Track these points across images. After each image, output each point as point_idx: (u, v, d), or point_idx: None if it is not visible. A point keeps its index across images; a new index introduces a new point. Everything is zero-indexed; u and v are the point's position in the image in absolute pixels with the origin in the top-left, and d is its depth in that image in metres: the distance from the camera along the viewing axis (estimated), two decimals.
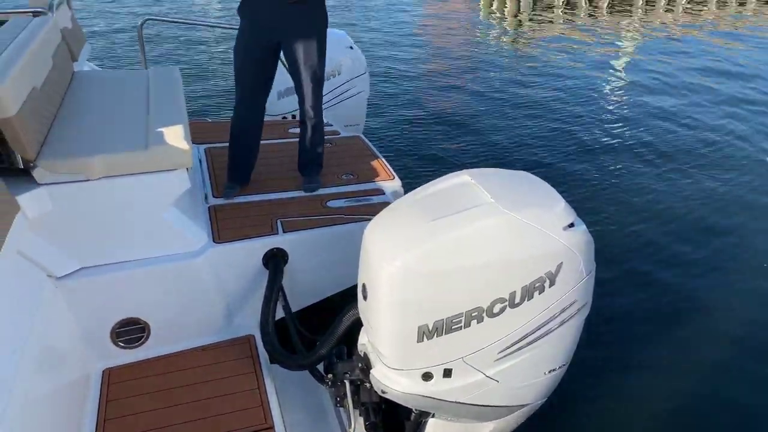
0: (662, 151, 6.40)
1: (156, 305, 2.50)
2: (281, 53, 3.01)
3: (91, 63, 4.17)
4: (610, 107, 7.68)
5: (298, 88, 3.04)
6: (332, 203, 3.03)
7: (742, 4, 16.14)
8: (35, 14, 3.25)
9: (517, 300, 1.80)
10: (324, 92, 4.48)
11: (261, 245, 2.68)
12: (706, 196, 5.53)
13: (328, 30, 3.04)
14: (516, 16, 14.55)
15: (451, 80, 8.62)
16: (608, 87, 8.54)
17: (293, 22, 2.86)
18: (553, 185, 2.02)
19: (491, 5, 15.81)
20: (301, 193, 3.14)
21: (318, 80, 3.03)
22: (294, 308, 2.71)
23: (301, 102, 3.08)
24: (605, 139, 6.67)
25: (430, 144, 6.32)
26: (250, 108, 3.08)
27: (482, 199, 1.87)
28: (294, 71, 3.00)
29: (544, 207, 1.85)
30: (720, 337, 3.82)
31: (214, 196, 3.04)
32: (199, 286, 2.56)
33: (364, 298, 1.93)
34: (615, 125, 7.08)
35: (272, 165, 3.39)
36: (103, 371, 2.45)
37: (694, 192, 5.59)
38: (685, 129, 7.04)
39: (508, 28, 13.17)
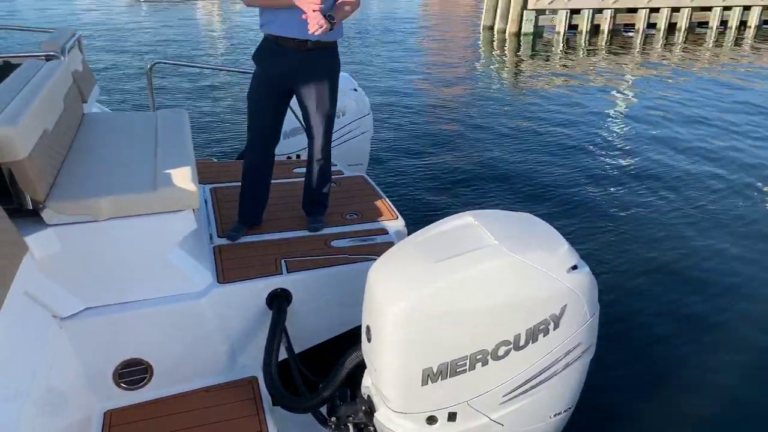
0: (664, 190, 6.44)
1: (159, 346, 2.50)
2: (294, 97, 3.07)
3: (100, 104, 4.25)
4: (611, 146, 7.75)
5: (309, 130, 3.09)
6: (336, 243, 3.05)
7: (738, 45, 16.43)
8: (48, 58, 3.34)
9: (522, 342, 1.80)
10: None
11: (265, 285, 2.68)
12: (710, 236, 5.53)
13: None
14: (516, 55, 14.83)
15: (453, 121, 8.74)
16: (608, 126, 8.64)
17: (307, 67, 2.92)
18: (554, 226, 2.03)
19: (492, 45, 16.14)
20: (306, 233, 3.16)
21: (329, 123, 3.09)
22: (297, 349, 2.69)
23: (311, 144, 3.13)
24: (606, 178, 6.72)
25: (433, 183, 6.37)
26: (261, 151, 3.12)
27: (486, 241, 1.89)
28: (306, 114, 3.06)
29: (548, 249, 1.86)
30: (727, 386, 3.77)
31: (218, 236, 3.06)
32: (202, 326, 2.55)
33: (368, 339, 1.92)
34: (616, 164, 7.14)
35: (277, 204, 3.42)
36: (105, 413, 2.43)
37: (698, 231, 5.59)
38: (685, 165, 7.09)
39: (508, 67, 13.41)
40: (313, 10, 2.64)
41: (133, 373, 2.49)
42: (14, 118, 2.11)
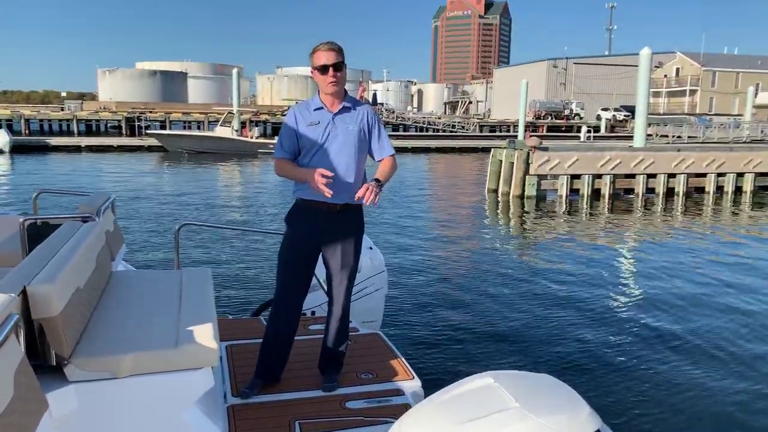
0: (682, 347, 6.32)
1: None
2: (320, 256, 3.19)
3: (126, 262, 4.42)
4: (624, 305, 7.76)
5: (331, 289, 3.18)
6: (351, 404, 2.99)
7: (735, 209, 17.02)
8: (84, 219, 3.56)
9: None
10: None
11: None
12: (728, 392, 5.34)
13: None
14: (521, 217, 15.39)
15: (465, 279, 8.87)
16: (616, 286, 8.71)
17: (335, 227, 3.09)
18: (573, 386, 2.02)
19: (497, 207, 16.81)
20: (320, 392, 3.11)
21: (350, 282, 3.19)
22: None
23: (332, 302, 3.20)
24: (618, 337, 6.64)
25: (447, 342, 6.31)
26: (288, 308, 3.17)
27: (507, 404, 1.87)
28: (329, 272, 3.17)
29: (570, 413, 1.84)
30: None
31: (233, 395, 3.02)
32: None
33: None
34: (627, 325, 7.09)
35: (290, 362, 3.40)
36: None
37: (715, 386, 5.41)
38: (697, 323, 7.02)
39: (514, 228, 13.87)
40: (323, 183, 2.78)
41: None
42: (52, 276, 2.22)
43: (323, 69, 2.95)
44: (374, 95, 67.21)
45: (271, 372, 3.16)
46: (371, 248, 4.86)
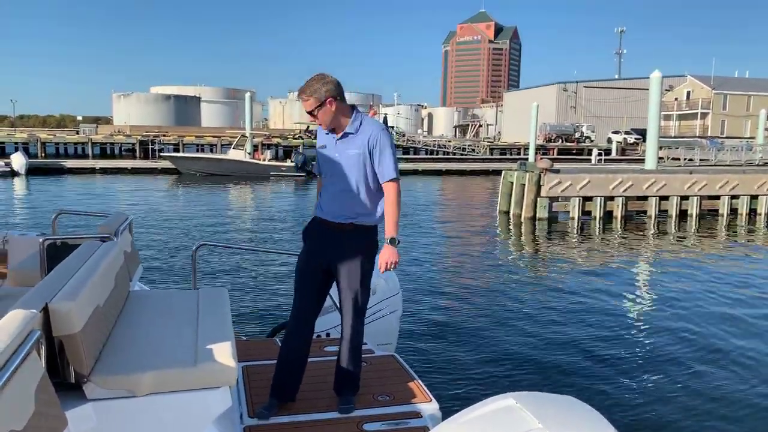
0: (700, 369, 6.21)
1: None
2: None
3: (141, 282, 4.43)
4: (641, 328, 7.65)
5: (341, 309, 3.18)
6: (369, 426, 2.95)
7: (750, 232, 16.84)
8: (103, 239, 3.58)
9: None
10: None
11: None
12: (743, 405, 5.23)
13: None
14: (533, 239, 15.32)
15: (479, 300, 8.81)
16: (630, 309, 8.60)
17: (344, 245, 3.14)
18: (595, 407, 1.99)
19: (509, 229, 16.76)
20: (336, 414, 3.08)
21: (358, 302, 3.18)
22: None
23: (343, 322, 3.19)
24: (641, 358, 6.54)
25: (463, 364, 6.24)
26: (302, 324, 3.21)
27: (530, 425, 1.84)
28: (339, 292, 3.20)
29: None
30: None
31: (249, 416, 2.99)
32: None
33: None
34: (649, 345, 6.99)
35: (307, 384, 3.37)
36: None
37: (739, 410, 5.30)
38: (714, 346, 6.91)
39: (526, 250, 13.79)
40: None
41: None
42: (73, 294, 2.23)
43: (310, 113, 3.12)
44: (384, 119, 67.67)
45: (285, 391, 3.15)
46: None
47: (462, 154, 51.52)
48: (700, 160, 36.61)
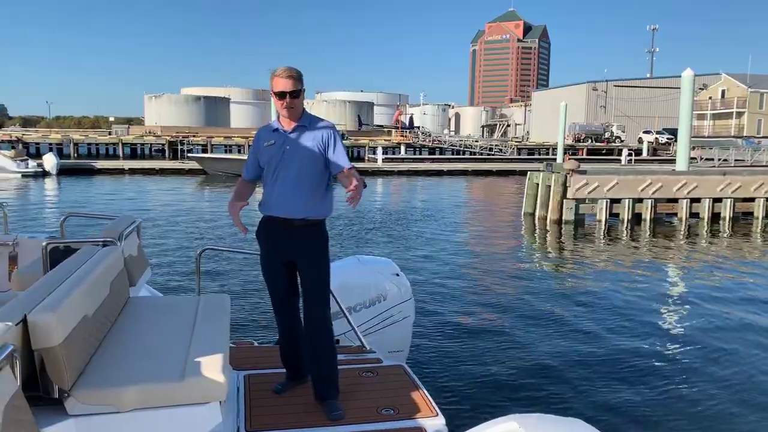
0: (729, 393, 5.89)
1: None
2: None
3: (149, 286, 4.38)
4: (666, 344, 7.29)
5: (307, 303, 3.23)
6: None
7: None
8: (105, 244, 3.53)
9: None
10: (367, 318, 4.54)
11: None
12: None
13: (374, 258, 3.36)
14: (558, 243, 14.98)
15: (498, 309, 8.55)
16: (654, 320, 8.26)
17: (296, 243, 3.18)
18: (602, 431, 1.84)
19: (534, 232, 16.46)
20: (337, 428, 2.95)
21: (321, 297, 3.21)
22: None
23: (305, 320, 3.24)
24: (653, 375, 6.21)
25: (475, 376, 6.03)
26: (284, 314, 3.40)
27: None
28: (304, 285, 3.24)
29: None
30: None
31: (246, 430, 2.89)
32: None
33: None
34: (666, 360, 6.66)
35: (308, 396, 3.26)
36: None
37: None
38: (745, 361, 6.57)
39: (551, 254, 13.48)
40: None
41: None
42: (55, 304, 2.15)
43: (280, 95, 3.13)
44: (410, 119, 67.44)
45: (291, 365, 3.40)
46: (398, 275, 4.70)
47: (489, 154, 51.05)
48: (735, 160, 35.55)
